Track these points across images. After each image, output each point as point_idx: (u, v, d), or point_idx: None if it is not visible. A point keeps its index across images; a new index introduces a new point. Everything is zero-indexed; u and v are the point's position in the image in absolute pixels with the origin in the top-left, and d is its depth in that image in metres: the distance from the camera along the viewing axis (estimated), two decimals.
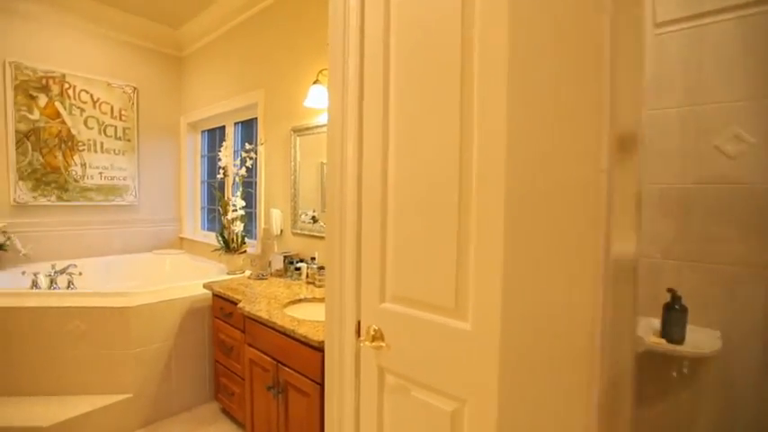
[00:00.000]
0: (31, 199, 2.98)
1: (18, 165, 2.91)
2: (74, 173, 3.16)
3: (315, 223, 2.44)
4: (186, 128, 3.77)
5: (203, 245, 3.52)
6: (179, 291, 2.35)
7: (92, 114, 3.25)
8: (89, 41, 3.25)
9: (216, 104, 3.34)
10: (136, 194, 3.52)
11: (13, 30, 2.90)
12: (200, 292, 2.34)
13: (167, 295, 2.27)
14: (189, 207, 3.83)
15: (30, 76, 2.95)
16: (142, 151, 3.57)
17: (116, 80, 3.38)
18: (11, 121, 2.89)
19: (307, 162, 2.52)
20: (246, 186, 2.84)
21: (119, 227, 3.44)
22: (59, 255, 3.09)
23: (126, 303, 2.11)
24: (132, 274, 3.37)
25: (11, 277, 2.59)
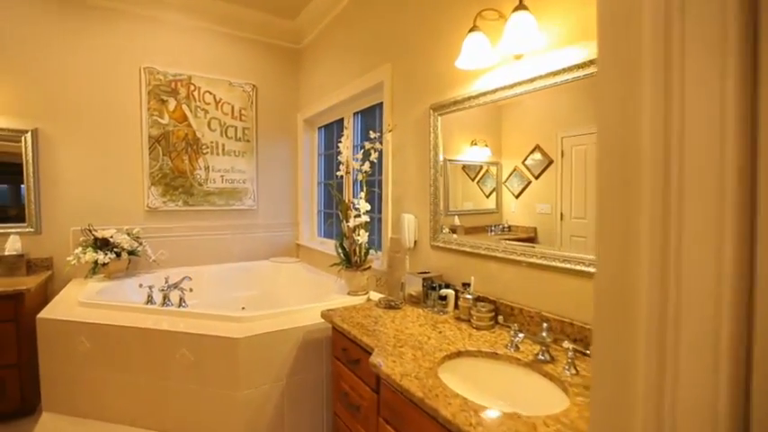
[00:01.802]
0: (161, 204, 2.94)
1: (150, 170, 2.89)
2: (198, 176, 3.06)
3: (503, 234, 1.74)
4: (302, 125, 3.47)
5: (319, 254, 3.13)
6: (293, 318, 1.90)
7: (214, 116, 3.12)
8: (211, 41, 3.14)
9: (333, 94, 2.92)
10: (255, 198, 3.32)
11: (146, 36, 2.89)
12: (318, 321, 1.84)
13: (280, 323, 1.83)
14: (305, 211, 3.52)
15: (161, 80, 2.91)
16: (260, 152, 3.36)
17: (237, 79, 3.22)
18: (145, 126, 2.87)
19: (454, 148, 1.85)
20: (370, 186, 2.29)
21: (239, 232, 3.27)
22: (184, 261, 3.02)
23: (235, 333, 1.71)
24: (249, 284, 3.15)
25: (131, 288, 2.50)
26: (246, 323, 1.83)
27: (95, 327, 1.86)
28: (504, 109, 1.62)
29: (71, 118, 2.68)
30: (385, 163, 2.29)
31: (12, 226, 2.54)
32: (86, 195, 2.74)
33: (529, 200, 1.50)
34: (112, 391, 1.88)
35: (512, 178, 1.56)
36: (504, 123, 1.63)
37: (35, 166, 2.57)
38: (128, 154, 2.85)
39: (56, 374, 1.96)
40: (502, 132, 1.63)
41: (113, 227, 2.70)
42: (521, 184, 1.53)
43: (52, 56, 2.62)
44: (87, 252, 2.47)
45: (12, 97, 2.53)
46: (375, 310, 1.76)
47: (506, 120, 1.63)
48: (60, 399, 1.97)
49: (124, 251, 2.58)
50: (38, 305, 2.36)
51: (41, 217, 2.61)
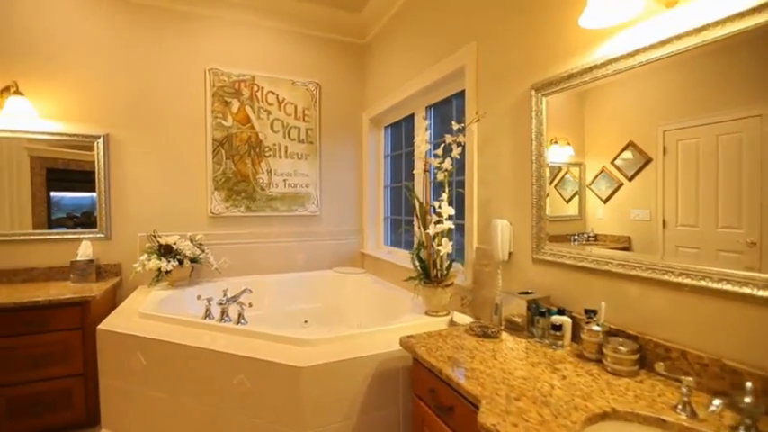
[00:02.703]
0: (223, 210, 2.83)
1: (213, 174, 2.79)
2: (261, 181, 2.92)
3: (588, 244, 1.35)
4: (368, 125, 3.22)
5: (387, 264, 2.84)
6: (364, 343, 1.60)
7: (277, 117, 2.97)
8: (275, 39, 3.01)
9: (402, 88, 2.63)
10: (318, 204, 3.12)
11: (211, 37, 2.82)
12: (394, 348, 1.52)
13: (349, 349, 1.54)
14: (371, 218, 3.25)
15: (224, 81, 2.82)
16: (324, 154, 3.16)
17: (300, 77, 3.06)
18: (209, 129, 2.79)
19: None
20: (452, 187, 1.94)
21: (301, 240, 3.08)
22: (245, 269, 2.88)
23: (299, 359, 1.45)
24: (312, 295, 2.93)
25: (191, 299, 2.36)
26: (311, 347, 1.56)
27: (152, 342, 1.70)
28: (589, 97, 1.38)
29: (139, 123, 2.66)
30: (468, 160, 1.94)
31: (84, 231, 2.54)
32: (153, 200, 2.70)
33: (620, 205, 1.29)
34: (167, 416, 1.71)
35: (598, 180, 1.36)
36: (589, 116, 1.41)
37: (106, 171, 2.57)
38: (192, 158, 2.78)
39: (114, 390, 1.84)
40: (585, 127, 1.41)
41: (177, 233, 2.62)
42: (609, 186, 1.32)
43: (122, 62, 2.62)
44: (152, 259, 2.39)
45: (85, 104, 2.55)
46: (466, 339, 1.39)
47: (591, 111, 1.40)
48: (118, 417, 1.85)
49: (186, 259, 2.47)
50: (105, 312, 2.30)
51: (111, 222, 2.60)
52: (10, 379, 2.03)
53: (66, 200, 2.61)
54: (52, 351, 2.09)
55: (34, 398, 2.07)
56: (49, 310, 2.08)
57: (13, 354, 2.03)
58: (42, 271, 2.47)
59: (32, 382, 2.07)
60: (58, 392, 2.11)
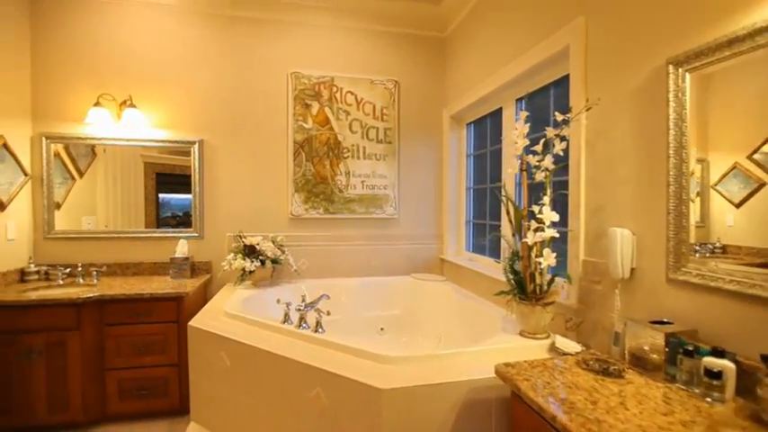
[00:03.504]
0: (303, 211, 2.85)
1: (294, 176, 2.83)
2: (339, 182, 2.90)
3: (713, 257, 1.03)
4: (449, 123, 3.02)
5: (469, 272, 2.61)
6: (451, 365, 1.41)
7: (356, 117, 2.92)
8: (352, 38, 2.97)
9: (488, 81, 2.39)
10: (396, 206, 3.00)
11: (293, 42, 2.87)
12: (486, 375, 1.32)
13: (435, 371, 1.36)
14: (451, 221, 3.04)
15: (305, 84, 2.84)
16: (402, 155, 3.03)
17: (378, 76, 2.97)
18: (290, 132, 2.83)
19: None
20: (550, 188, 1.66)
21: (378, 243, 2.99)
22: (321, 272, 2.87)
23: (379, 378, 1.31)
24: (389, 302, 2.82)
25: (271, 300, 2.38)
26: (392, 365, 1.42)
27: (235, 344, 1.71)
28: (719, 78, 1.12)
29: (228, 128, 2.80)
30: (574, 157, 1.65)
31: (182, 231, 2.73)
32: (239, 201, 2.81)
33: (762, 210, 1.03)
34: (248, 419, 1.70)
35: (727, 180, 1.11)
36: (717, 100, 1.14)
37: (200, 174, 2.74)
38: (275, 160, 2.85)
39: (201, 386, 1.90)
40: (709, 114, 1.15)
41: (260, 234, 2.69)
42: (745, 187, 1.07)
43: (213, 71, 2.77)
44: (237, 259, 2.47)
45: (184, 112, 2.75)
46: (581, 375, 1.14)
47: (721, 95, 1.13)
48: (204, 412, 1.90)
49: (268, 259, 2.52)
50: (197, 307, 2.43)
51: (204, 223, 2.76)
52: (120, 363, 2.23)
53: (171, 201, 2.83)
54: (153, 341, 2.25)
55: (139, 382, 2.25)
56: (151, 302, 2.24)
57: (123, 341, 2.23)
58: (148, 266, 2.70)
59: (137, 368, 2.25)
60: (157, 379, 2.27)
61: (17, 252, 2.47)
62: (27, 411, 2.11)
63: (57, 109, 2.60)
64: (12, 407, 2.10)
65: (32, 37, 2.57)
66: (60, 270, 2.49)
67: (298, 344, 1.64)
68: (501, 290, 1.67)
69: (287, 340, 1.68)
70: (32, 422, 2.12)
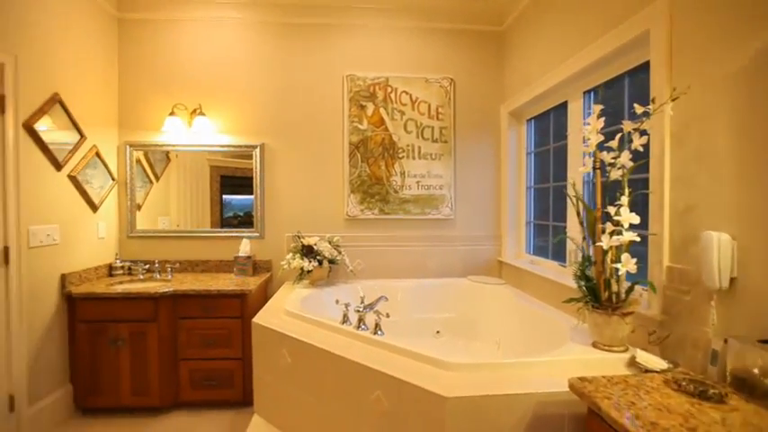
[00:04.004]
0: (359, 212, 2.88)
1: (350, 177, 2.86)
2: (394, 183, 2.89)
3: None
4: (507, 119, 2.89)
5: (530, 276, 2.48)
6: (518, 375, 1.33)
7: (411, 117, 2.89)
8: (406, 37, 2.95)
9: (551, 74, 2.25)
10: (452, 206, 2.93)
11: (347, 45, 2.91)
12: (558, 388, 1.23)
13: (501, 381, 1.29)
14: (510, 222, 2.91)
15: (360, 86, 2.87)
16: (458, 154, 2.96)
17: (433, 74, 2.92)
18: (346, 134, 2.87)
19: None
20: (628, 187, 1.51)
21: (434, 244, 2.94)
22: (376, 273, 2.88)
23: (442, 386, 1.27)
24: (445, 304, 2.75)
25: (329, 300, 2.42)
26: (455, 372, 1.37)
27: (296, 342, 1.75)
28: None
29: (286, 131, 2.90)
30: (656, 152, 1.49)
31: (244, 231, 2.87)
32: (297, 202, 2.90)
33: None
34: (309, 417, 1.74)
35: None
36: None
37: (261, 176, 2.86)
38: (331, 162, 2.90)
39: (265, 381, 1.97)
40: None
41: (318, 234, 2.76)
42: None
43: (273, 77, 2.89)
44: (296, 258, 2.54)
45: (248, 118, 2.89)
46: (672, 396, 1.02)
47: None
48: (267, 406, 1.97)
49: (325, 260, 2.57)
50: (259, 304, 2.54)
51: (265, 223, 2.88)
52: (191, 354, 2.39)
53: (232, 201, 2.99)
54: (220, 335, 2.39)
55: (207, 373, 2.39)
56: (218, 298, 2.38)
57: (194, 333, 2.38)
58: (214, 263, 2.87)
59: (206, 360, 2.39)
60: (223, 371, 2.40)
61: (106, 249, 2.74)
62: (114, 393, 2.33)
63: (138, 119, 2.85)
64: (102, 388, 2.33)
65: (120, 56, 2.84)
66: (141, 266, 2.72)
67: (356, 345, 1.65)
68: (571, 297, 1.56)
69: (346, 341, 1.69)
70: (118, 403, 2.33)
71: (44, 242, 2.20)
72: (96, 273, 2.61)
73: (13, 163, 2.01)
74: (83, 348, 2.32)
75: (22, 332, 2.06)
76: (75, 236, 2.45)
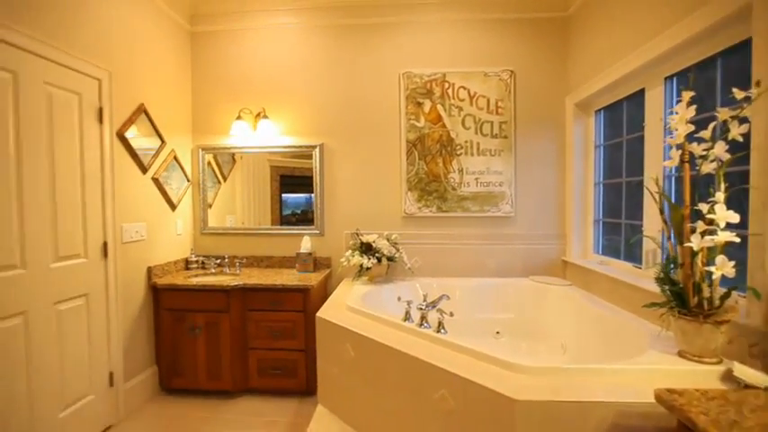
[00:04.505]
0: (416, 210, 2.88)
1: (407, 175, 2.87)
2: (452, 180, 2.85)
3: None
4: (573, 111, 2.73)
5: (600, 277, 2.33)
6: (593, 383, 1.26)
7: (469, 112, 2.83)
8: (464, 31, 2.88)
9: (626, 60, 2.08)
10: (512, 204, 2.83)
11: (403, 43, 2.91)
12: (638, 399, 1.15)
13: (575, 388, 1.23)
14: (576, 220, 2.75)
15: (417, 83, 2.85)
16: (519, 149, 2.85)
17: (492, 67, 2.83)
18: (403, 132, 2.88)
19: None
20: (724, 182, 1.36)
21: (493, 243, 2.86)
22: (434, 271, 2.86)
23: (511, 387, 1.24)
24: (504, 304, 2.67)
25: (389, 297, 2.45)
26: (524, 375, 1.33)
27: (359, 337, 1.80)
28: None
29: (344, 131, 2.96)
30: (760, 143, 1.33)
31: (305, 228, 2.99)
32: (355, 201, 2.97)
33: None
34: (370, 408, 1.78)
35: None
36: None
37: (321, 175, 2.96)
38: (388, 160, 2.92)
39: (328, 373, 2.04)
40: None
41: (376, 232, 2.80)
42: None
43: (332, 78, 2.96)
44: (355, 255, 2.60)
45: (308, 119, 2.99)
46: None
47: None
48: (330, 397, 2.05)
49: (384, 257, 2.60)
50: (319, 299, 2.64)
51: (324, 221, 2.98)
52: (259, 344, 2.53)
53: (289, 200, 3.13)
54: (284, 327, 2.51)
55: (273, 362, 2.53)
56: (283, 292, 2.50)
57: (261, 325, 2.53)
58: (277, 259, 3.02)
59: (272, 350, 2.53)
60: (288, 361, 2.52)
61: (183, 244, 2.99)
62: (192, 376, 2.54)
63: (208, 124, 3.07)
64: (183, 371, 2.55)
65: (192, 67, 3.07)
66: (213, 260, 2.93)
67: (420, 342, 1.65)
68: (653, 302, 1.44)
69: (409, 338, 1.70)
70: (195, 386, 2.54)
71: (134, 238, 2.44)
72: (175, 266, 2.85)
73: (110, 167, 2.25)
74: (166, 334, 2.56)
75: (119, 317, 2.31)
76: (158, 232, 2.69)
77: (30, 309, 1.81)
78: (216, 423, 2.28)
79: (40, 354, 1.86)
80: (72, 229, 2.04)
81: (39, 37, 1.83)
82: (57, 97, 1.95)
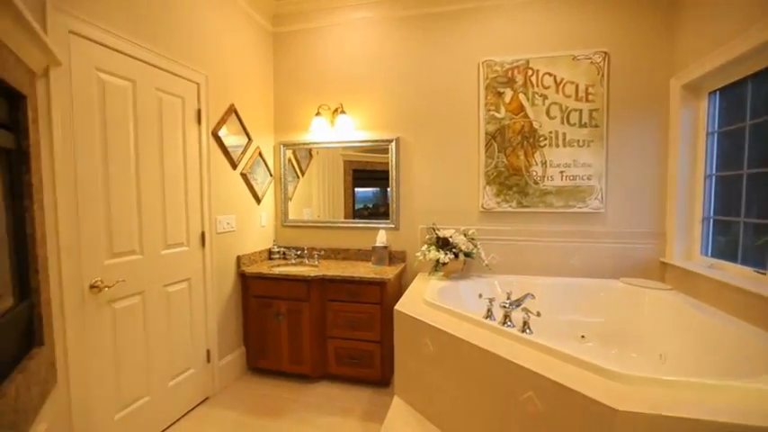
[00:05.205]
0: (494, 205, 2.77)
1: (486, 168, 2.77)
2: (534, 174, 2.69)
3: None
4: (680, 94, 2.42)
5: (710, 282, 2.06)
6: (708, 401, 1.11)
7: (554, 101, 2.64)
8: (549, 13, 2.68)
9: (759, 26, 1.78)
10: (602, 199, 2.61)
11: (481, 30, 2.78)
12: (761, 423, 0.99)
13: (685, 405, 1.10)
14: (680, 217, 2.46)
15: (497, 71, 2.73)
16: (611, 139, 2.60)
17: (582, 50, 2.61)
18: (482, 123, 2.78)
19: None
20: None
21: (578, 240, 2.66)
22: (512, 268, 2.74)
23: (611, 398, 1.14)
24: (591, 307, 2.48)
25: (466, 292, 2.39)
26: (624, 384, 1.22)
27: (439, 332, 1.78)
28: None
29: (420, 124, 2.93)
30: None
31: (381, 222, 3.03)
32: (431, 195, 2.93)
33: None
34: (449, 403, 1.75)
35: None
36: None
37: (396, 169, 2.96)
38: (465, 153, 2.84)
39: (405, 365, 2.06)
40: None
41: (452, 227, 2.74)
42: None
43: (407, 71, 2.94)
44: (431, 250, 2.58)
45: (384, 114, 3.01)
46: None
47: None
48: (407, 389, 2.06)
49: (461, 252, 2.54)
50: (394, 292, 2.67)
51: (400, 215, 2.99)
52: (337, 333, 2.63)
53: (359, 194, 3.18)
54: (361, 318, 2.57)
55: (350, 351, 2.61)
56: (360, 285, 2.56)
57: (339, 315, 2.62)
58: (353, 252, 3.10)
59: (349, 340, 2.61)
60: (364, 351, 2.59)
61: (266, 236, 3.19)
62: (276, 358, 2.71)
63: (289, 121, 3.22)
64: (267, 353, 2.74)
65: (274, 65, 3.24)
66: (293, 251, 3.10)
67: (503, 341, 1.59)
68: None
69: (492, 336, 1.65)
70: (278, 368, 2.72)
71: (226, 229, 2.66)
72: (260, 256, 3.06)
73: (206, 164, 2.46)
74: (253, 318, 2.76)
75: (214, 301, 2.54)
76: (246, 224, 2.90)
77: (146, 289, 2.05)
78: (298, 404, 2.42)
79: (155, 329, 2.10)
80: (177, 220, 2.26)
81: (151, 48, 2.04)
82: (165, 101, 2.16)
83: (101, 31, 1.76)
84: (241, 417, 2.30)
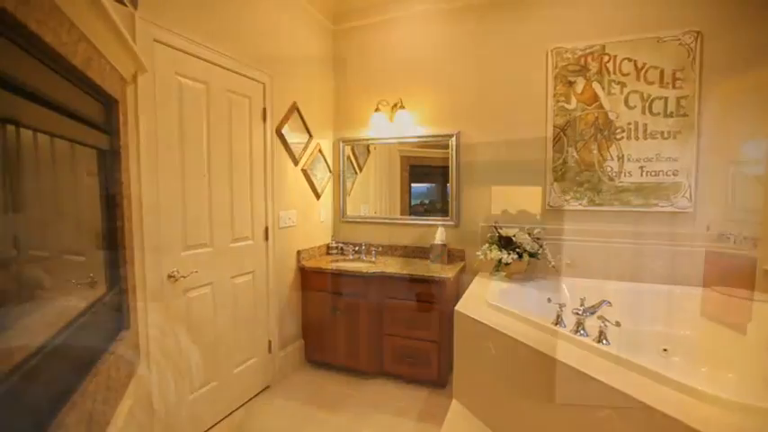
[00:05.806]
0: (563, 202, 2.59)
1: (553, 164, 2.59)
2: (608, 169, 2.47)
3: None
4: None
5: None
6: None
7: (634, 89, 2.40)
8: None
9: None
10: (691, 197, 2.32)
11: (553, 14, 2.59)
12: None
13: None
14: None
15: (568, 59, 2.53)
16: (704, 129, 2.31)
17: (668, 31, 2.33)
18: (550, 116, 2.60)
19: None
20: None
21: (661, 243, 2.40)
22: (585, 271, 2.53)
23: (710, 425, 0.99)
24: (675, 318, 2.23)
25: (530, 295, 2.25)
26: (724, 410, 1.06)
27: (504, 337, 1.69)
28: None
29: (483, 118, 2.81)
30: None
31: (439, 219, 2.96)
32: (493, 192, 2.80)
33: None
34: (513, 413, 1.66)
35: None
36: None
37: (457, 165, 2.87)
38: (531, 148, 2.68)
39: (465, 369, 1.98)
40: None
41: (515, 225, 2.60)
42: None
43: (468, 64, 2.82)
44: (492, 249, 2.46)
45: (441, 107, 2.93)
46: None
47: None
48: (466, 393, 1.99)
49: (525, 253, 2.40)
50: (453, 291, 2.60)
51: (460, 212, 2.90)
52: (394, 331, 2.62)
53: (419, 189, 3.13)
54: (418, 317, 2.53)
55: (407, 350, 2.58)
56: (419, 283, 2.52)
57: (396, 313, 2.60)
58: (411, 249, 3.06)
59: (406, 338, 2.58)
60: (420, 350, 2.55)
61: (325, 231, 3.26)
62: (333, 352, 2.76)
63: (348, 117, 3.25)
64: (324, 347, 2.80)
65: (334, 64, 3.28)
66: (351, 247, 3.13)
67: (576, 351, 1.46)
68: None
69: (564, 345, 1.52)
70: (335, 361, 2.76)
71: (287, 224, 2.74)
72: (318, 251, 3.13)
73: (270, 161, 2.55)
74: (312, 312, 2.83)
75: (276, 293, 2.63)
76: (306, 219, 2.97)
77: (215, 280, 2.17)
78: (355, 400, 2.44)
79: (223, 319, 2.22)
80: (243, 215, 2.37)
81: (223, 51, 2.14)
82: (234, 102, 2.26)
83: (180, 39, 1.88)
84: (302, 408, 2.37)
